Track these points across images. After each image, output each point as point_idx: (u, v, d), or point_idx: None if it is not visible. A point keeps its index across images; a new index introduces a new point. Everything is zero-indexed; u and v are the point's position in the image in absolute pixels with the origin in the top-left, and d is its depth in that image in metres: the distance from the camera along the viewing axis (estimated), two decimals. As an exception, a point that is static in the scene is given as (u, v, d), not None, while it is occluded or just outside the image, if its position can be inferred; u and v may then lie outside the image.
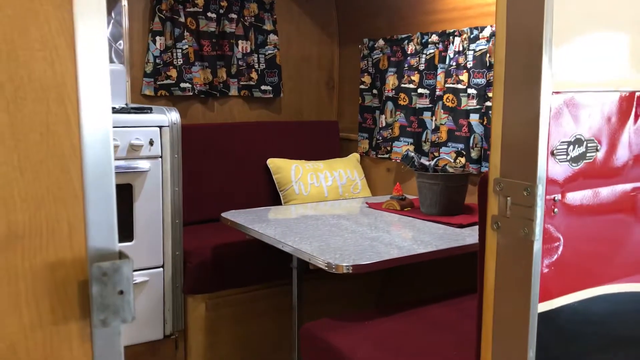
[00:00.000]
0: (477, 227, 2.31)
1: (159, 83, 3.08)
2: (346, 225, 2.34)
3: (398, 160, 3.13)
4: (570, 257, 1.12)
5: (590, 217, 1.15)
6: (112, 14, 2.95)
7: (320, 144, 3.48)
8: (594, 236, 1.17)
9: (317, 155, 3.39)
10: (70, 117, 0.59)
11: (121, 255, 0.62)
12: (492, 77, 2.63)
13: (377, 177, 3.39)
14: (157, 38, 3.05)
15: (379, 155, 3.30)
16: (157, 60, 3.06)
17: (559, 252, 1.09)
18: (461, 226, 2.31)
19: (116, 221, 0.64)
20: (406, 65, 3.07)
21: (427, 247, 2.02)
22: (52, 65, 0.57)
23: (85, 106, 0.59)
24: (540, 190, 0.99)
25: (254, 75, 3.33)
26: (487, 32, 2.63)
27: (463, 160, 2.74)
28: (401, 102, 3.10)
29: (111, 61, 2.97)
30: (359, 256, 1.90)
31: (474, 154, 2.72)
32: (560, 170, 1.04)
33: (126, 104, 2.93)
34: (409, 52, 3.05)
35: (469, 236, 2.18)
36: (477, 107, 2.70)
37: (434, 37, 2.91)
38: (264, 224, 2.35)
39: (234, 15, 3.24)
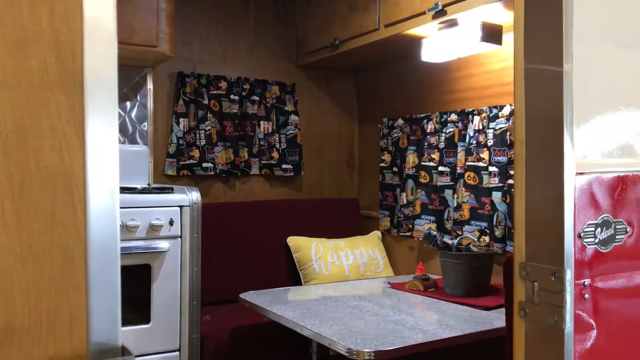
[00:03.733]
0: (504, 309, 2.23)
1: (181, 163, 3.12)
2: (368, 307, 2.26)
3: (420, 239, 3.07)
4: (606, 346, 1.05)
5: (625, 301, 1.08)
6: (138, 97, 3.05)
7: (341, 221, 3.45)
8: (631, 322, 1.10)
9: (338, 233, 3.35)
10: (76, 205, 0.57)
11: (124, 351, 0.59)
12: (513, 155, 2.62)
13: (399, 255, 3.32)
14: (181, 120, 3.12)
15: (401, 233, 3.25)
16: (181, 141, 3.12)
17: (593, 340, 1.02)
18: (487, 308, 2.23)
19: (120, 312, 0.61)
20: (426, 143, 3.07)
21: (453, 332, 1.93)
22: (60, 153, 0.57)
23: (92, 194, 0.58)
24: (569, 274, 0.94)
25: (275, 154, 3.37)
26: (506, 111, 2.64)
27: (487, 238, 2.68)
28: (422, 180, 3.09)
29: (135, 142, 3.03)
30: (381, 341, 1.83)
31: (497, 233, 2.66)
32: (589, 253, 0.99)
33: (148, 184, 2.97)
34: (428, 131, 3.07)
35: (497, 319, 2.09)
36: (500, 184, 2.66)
37: (453, 116, 2.92)
38: (283, 305, 2.29)
39: (256, 98, 3.31)
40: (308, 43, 3.38)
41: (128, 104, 3.03)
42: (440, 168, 2.99)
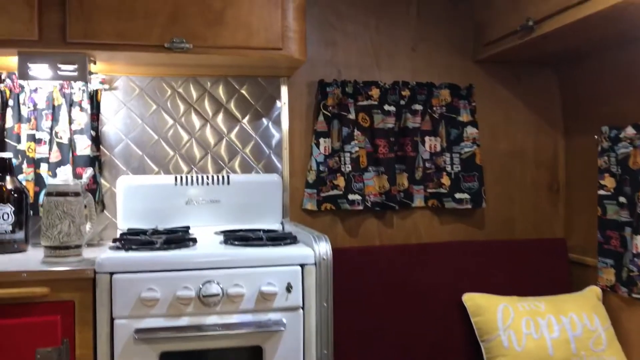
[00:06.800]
0: None
1: (322, 195, 2.47)
2: None
3: (669, 311, 2.02)
4: None
5: None
6: (272, 114, 2.45)
7: (540, 272, 2.52)
8: None
9: (536, 288, 2.44)
10: None
11: None
12: None
13: (633, 327, 2.28)
14: (322, 140, 2.46)
15: (634, 294, 2.21)
16: (322, 167, 2.47)
17: None
18: None
19: None
20: (677, 164, 2.02)
21: None
22: None
23: None
24: None
25: (445, 180, 2.55)
26: None
27: None
28: (670, 220, 2.04)
29: (272, 170, 2.44)
30: None
31: None
32: None
33: (281, 223, 2.36)
34: (680, 145, 2.01)
35: None
36: None
37: None
38: None
39: (418, 107, 2.53)
40: (490, 29, 2.51)
41: (260, 122, 2.45)
42: None
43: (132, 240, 1.86)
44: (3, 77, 2.17)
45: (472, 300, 2.35)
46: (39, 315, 1.63)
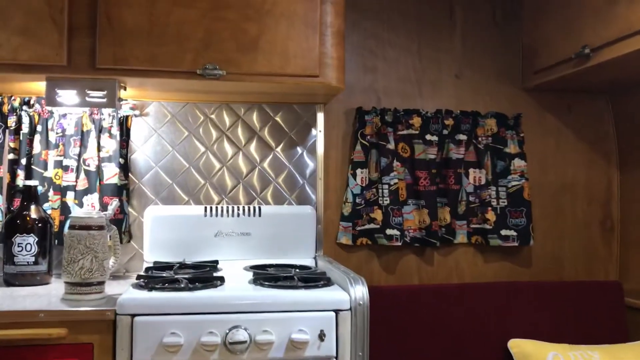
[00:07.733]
0: None
1: (358, 229, 2.33)
2: None
3: None
4: None
5: None
6: (307, 143, 2.34)
7: (592, 318, 2.32)
8: None
9: (589, 336, 2.25)
10: None
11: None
12: None
13: (699, 384, 2.07)
14: (359, 171, 2.34)
15: (701, 349, 2.00)
16: (358, 200, 2.34)
17: None
18: None
19: None
20: None
21: None
22: None
23: None
24: None
25: (490, 215, 2.38)
26: None
27: None
28: None
29: (305, 202, 2.32)
30: None
31: None
32: None
33: (314, 258, 2.23)
34: None
35: None
36: None
37: None
38: None
39: (462, 137, 2.39)
40: (540, 55, 2.36)
41: (294, 151, 2.34)
42: None
43: (156, 278, 1.75)
44: (32, 102, 2.11)
45: (519, 346, 2.17)
46: (56, 358, 1.53)
